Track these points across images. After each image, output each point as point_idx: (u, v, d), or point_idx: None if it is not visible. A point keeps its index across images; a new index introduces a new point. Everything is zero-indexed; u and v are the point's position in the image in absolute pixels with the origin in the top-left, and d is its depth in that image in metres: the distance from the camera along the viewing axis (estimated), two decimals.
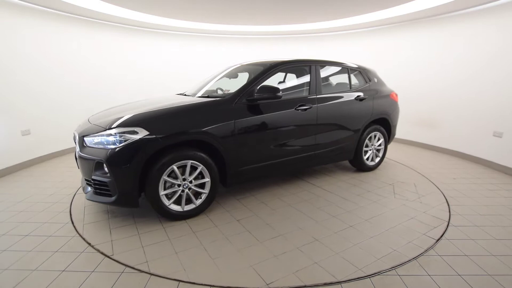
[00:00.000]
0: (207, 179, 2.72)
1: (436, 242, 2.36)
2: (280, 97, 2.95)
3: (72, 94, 5.17)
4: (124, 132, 2.39)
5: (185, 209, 2.68)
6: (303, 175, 3.96)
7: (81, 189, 3.39)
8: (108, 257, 2.16)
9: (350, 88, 3.84)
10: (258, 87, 2.91)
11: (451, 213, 2.87)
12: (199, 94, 3.36)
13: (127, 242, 2.37)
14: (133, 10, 5.20)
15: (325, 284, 1.87)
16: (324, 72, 3.64)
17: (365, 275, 1.94)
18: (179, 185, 2.61)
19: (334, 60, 3.88)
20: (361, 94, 3.82)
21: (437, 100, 5.29)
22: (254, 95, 2.89)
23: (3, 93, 4.02)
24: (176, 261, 2.11)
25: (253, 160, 3.03)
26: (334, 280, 1.90)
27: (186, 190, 2.65)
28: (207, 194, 2.76)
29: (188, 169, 2.60)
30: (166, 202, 2.58)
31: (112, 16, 5.31)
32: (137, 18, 5.59)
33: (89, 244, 2.33)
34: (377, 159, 4.21)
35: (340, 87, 3.83)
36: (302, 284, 1.87)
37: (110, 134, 2.41)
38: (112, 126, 2.45)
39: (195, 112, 2.69)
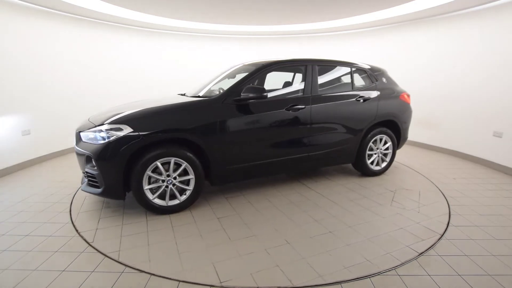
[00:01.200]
0: (191, 176, 2.80)
1: (435, 243, 2.36)
2: (265, 97, 2.95)
3: (73, 94, 5.17)
4: (111, 129, 2.56)
5: (169, 204, 2.78)
6: (301, 177, 3.90)
7: (79, 196, 3.39)
8: (88, 243, 2.33)
9: (353, 88, 3.68)
10: (244, 87, 2.92)
11: (451, 213, 2.87)
12: (200, 94, 3.36)
13: (110, 231, 2.53)
14: (133, 10, 5.20)
15: (321, 285, 1.87)
16: (322, 72, 3.55)
17: (324, 282, 1.87)
18: (163, 181, 2.72)
19: (335, 59, 3.76)
20: (363, 94, 3.65)
21: (437, 100, 5.29)
22: (240, 95, 2.91)
23: (3, 93, 4.02)
24: (145, 252, 2.21)
25: (240, 159, 3.04)
26: (289, 284, 1.85)
27: (170, 186, 2.75)
28: (191, 191, 2.84)
29: (172, 166, 2.71)
30: (150, 196, 2.70)
31: (112, 16, 5.31)
32: (137, 18, 5.59)
33: (77, 230, 2.48)
34: (384, 164, 3.96)
35: (341, 87, 3.72)
36: (255, 285, 1.85)
37: (101, 131, 2.59)
38: (103, 123, 2.63)
39: (179, 111, 2.80)
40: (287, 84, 3.86)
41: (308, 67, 3.40)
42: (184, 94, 3.58)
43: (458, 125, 4.99)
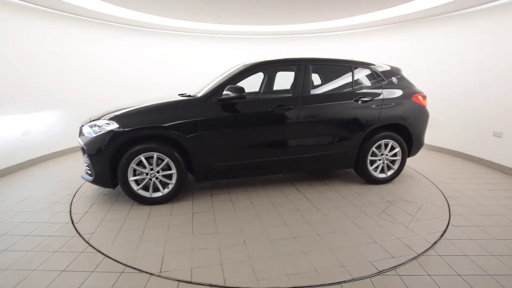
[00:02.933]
0: (173, 171, 2.96)
1: (436, 242, 2.36)
2: (244, 97, 2.96)
3: (73, 94, 5.18)
4: (102, 124, 2.85)
5: (152, 196, 2.99)
6: (297, 180, 3.78)
7: (81, 189, 3.49)
8: (73, 224, 2.61)
9: (353, 88, 3.44)
10: (226, 87, 2.96)
11: (451, 213, 2.87)
12: (200, 94, 3.37)
13: (94, 215, 2.82)
14: (133, 10, 5.20)
15: (318, 285, 1.87)
16: (317, 71, 3.43)
17: (258, 286, 1.84)
18: (147, 174, 2.93)
19: (334, 58, 3.57)
20: (364, 95, 3.39)
21: (437, 100, 5.29)
22: (222, 94, 2.98)
23: (3, 93, 4.02)
24: (113, 237, 2.43)
25: (222, 158, 3.09)
26: (221, 283, 1.88)
27: (153, 179, 2.94)
28: (173, 185, 3.00)
29: (154, 160, 2.90)
30: (135, 187, 2.92)
31: (112, 16, 5.31)
32: (137, 18, 5.59)
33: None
34: (391, 172, 3.60)
35: (339, 87, 3.56)
36: (189, 279, 1.91)
37: (94, 125, 2.88)
38: (98, 119, 2.93)
39: (162, 110, 2.97)
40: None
41: (300, 67, 3.28)
42: (182, 94, 3.59)
43: (458, 125, 4.99)
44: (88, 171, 3.00)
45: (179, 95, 3.66)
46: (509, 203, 3.14)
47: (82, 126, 3.04)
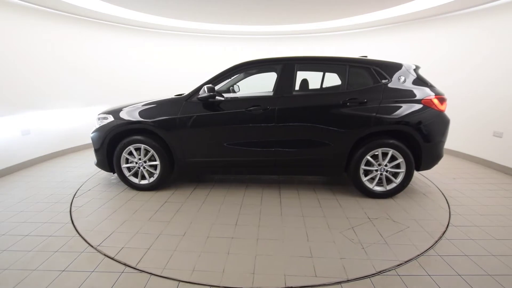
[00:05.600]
0: (157, 162, 3.27)
1: (436, 242, 2.36)
2: (214, 96, 3.07)
3: (73, 94, 5.18)
4: (103, 118, 3.35)
5: (140, 183, 3.37)
6: (286, 183, 3.67)
7: (81, 189, 3.51)
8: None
9: (347, 88, 3.13)
10: (204, 87, 3.07)
11: (451, 213, 2.87)
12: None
13: (91, 193, 3.35)
14: (134, 10, 5.21)
15: (323, 284, 1.87)
16: (304, 71, 3.31)
17: (161, 275, 1.93)
18: (136, 163, 3.31)
19: (325, 56, 3.28)
20: (356, 96, 3.02)
21: None
22: (199, 94, 3.14)
23: (3, 93, 4.02)
24: (89, 213, 2.84)
25: (199, 154, 3.26)
26: (133, 265, 2.04)
27: (141, 168, 3.33)
28: (158, 175, 3.32)
29: (142, 152, 3.26)
30: (127, 173, 3.34)
31: (113, 16, 5.31)
32: (137, 18, 5.59)
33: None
34: (392, 186, 3.12)
35: (329, 87, 3.47)
36: (112, 255, 2.15)
37: (99, 118, 3.39)
38: (102, 113, 3.42)
39: (148, 107, 3.27)
40: (304, 83, 3.65)
41: (283, 66, 3.16)
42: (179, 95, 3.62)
43: (458, 125, 4.98)
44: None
45: (176, 95, 3.68)
46: (509, 203, 3.14)
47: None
